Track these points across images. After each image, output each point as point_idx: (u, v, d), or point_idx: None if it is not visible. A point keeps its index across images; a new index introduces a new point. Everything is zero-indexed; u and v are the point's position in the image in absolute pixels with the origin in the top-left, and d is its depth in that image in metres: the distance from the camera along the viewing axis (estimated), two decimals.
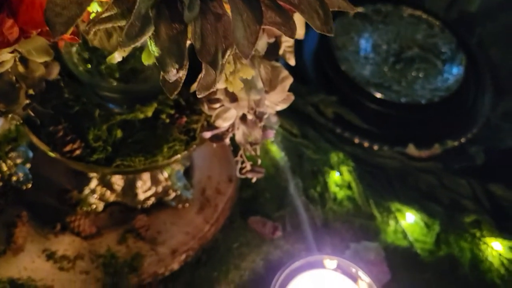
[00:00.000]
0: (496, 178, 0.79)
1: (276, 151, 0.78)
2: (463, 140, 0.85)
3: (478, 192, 0.77)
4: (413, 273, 0.71)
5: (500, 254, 0.71)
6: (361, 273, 0.57)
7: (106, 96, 0.52)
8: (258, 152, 0.53)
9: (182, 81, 0.30)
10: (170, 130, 0.53)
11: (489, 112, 0.90)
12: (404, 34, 0.95)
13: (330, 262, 0.58)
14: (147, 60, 0.28)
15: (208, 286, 0.67)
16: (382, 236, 0.75)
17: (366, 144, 0.82)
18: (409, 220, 0.75)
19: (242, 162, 0.53)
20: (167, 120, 0.53)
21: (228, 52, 0.26)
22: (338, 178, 0.78)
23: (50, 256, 0.63)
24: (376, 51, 0.92)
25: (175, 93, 0.29)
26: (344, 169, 0.76)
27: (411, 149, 0.81)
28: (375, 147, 0.82)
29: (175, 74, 0.27)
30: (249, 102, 0.41)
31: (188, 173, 0.75)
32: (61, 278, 0.62)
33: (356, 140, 0.83)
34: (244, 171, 0.53)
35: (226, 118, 0.45)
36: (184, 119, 0.54)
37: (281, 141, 0.78)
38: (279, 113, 0.82)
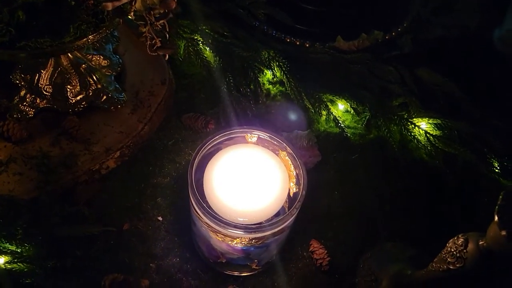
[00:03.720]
0: (423, 64, 0.81)
1: (209, 54, 0.79)
2: (393, 33, 0.87)
3: (405, 77, 0.80)
4: (344, 155, 0.75)
5: (426, 132, 0.74)
6: (282, 144, 0.59)
7: None
8: (167, 28, 0.53)
9: None
10: (77, 12, 0.53)
11: (420, 7, 0.92)
12: None
13: (252, 137, 0.60)
14: None
15: (144, 180, 0.69)
16: (315, 126, 0.77)
17: (297, 42, 0.84)
18: (340, 109, 0.78)
19: (152, 39, 0.53)
20: (73, 3, 0.53)
21: None
22: (270, 75, 0.79)
23: None
24: None
25: None
26: (275, 65, 0.77)
27: (340, 42, 0.82)
28: (307, 44, 0.83)
29: None
30: None
31: (120, 78, 0.75)
32: None
33: (288, 39, 0.84)
34: (154, 48, 0.53)
35: None
36: (91, 1, 0.54)
37: (212, 43, 0.78)
38: (209, 18, 0.82)
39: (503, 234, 0.40)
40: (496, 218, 0.41)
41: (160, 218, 0.67)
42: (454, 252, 0.49)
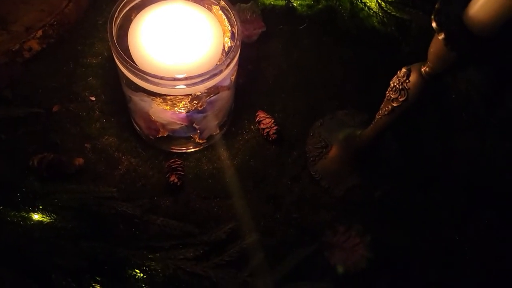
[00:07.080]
0: None
1: None
2: None
3: None
4: (291, 26, 0.70)
5: None
6: None
7: None
8: None
9: None
10: None
11: None
12: None
13: None
14: None
15: (73, 60, 0.63)
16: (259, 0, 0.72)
17: None
18: None
19: None
20: None
21: None
22: None
23: None
24: None
25: None
26: None
27: None
28: None
29: None
30: None
31: None
32: None
33: None
34: None
35: None
36: None
37: None
38: None
39: (440, 38, 0.37)
40: (433, 23, 0.37)
41: (93, 98, 0.62)
42: (397, 86, 0.46)
